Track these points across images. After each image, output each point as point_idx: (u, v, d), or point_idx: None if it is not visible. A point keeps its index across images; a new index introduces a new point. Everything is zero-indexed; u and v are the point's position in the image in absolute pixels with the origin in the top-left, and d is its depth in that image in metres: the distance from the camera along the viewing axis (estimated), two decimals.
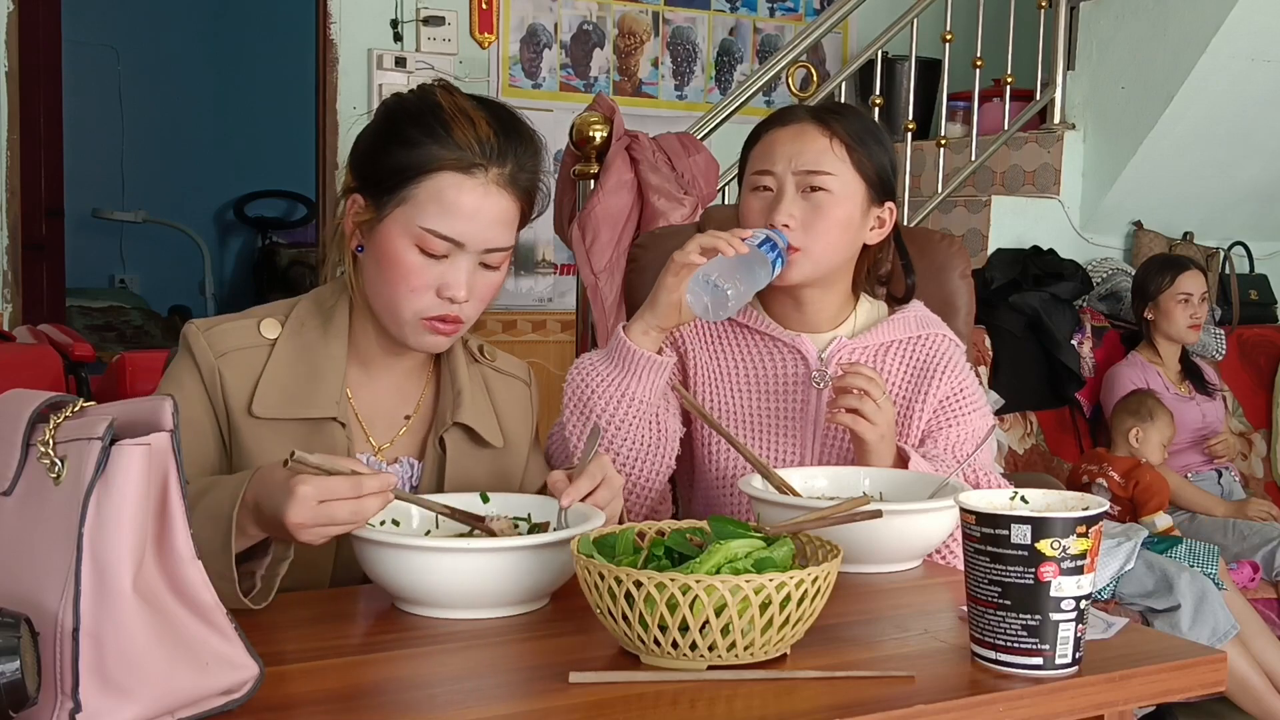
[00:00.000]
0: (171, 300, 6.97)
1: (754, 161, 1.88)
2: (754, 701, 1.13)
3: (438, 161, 1.50)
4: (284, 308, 1.63)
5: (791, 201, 1.81)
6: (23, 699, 0.96)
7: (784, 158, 1.83)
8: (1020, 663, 1.20)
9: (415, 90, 1.60)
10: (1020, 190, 4.64)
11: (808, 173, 1.81)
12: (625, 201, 3.31)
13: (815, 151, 1.82)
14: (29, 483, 1.05)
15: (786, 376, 1.89)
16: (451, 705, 1.12)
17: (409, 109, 1.56)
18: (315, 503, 1.27)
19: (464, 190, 1.51)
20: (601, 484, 1.47)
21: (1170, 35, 4.28)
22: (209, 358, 1.55)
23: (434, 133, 1.51)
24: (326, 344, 1.59)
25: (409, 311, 1.54)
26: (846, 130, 1.83)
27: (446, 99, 1.55)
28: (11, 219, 4.24)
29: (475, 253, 1.53)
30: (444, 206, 1.50)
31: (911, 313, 1.94)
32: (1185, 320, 3.98)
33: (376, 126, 1.59)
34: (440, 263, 1.52)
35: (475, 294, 1.55)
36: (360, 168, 1.58)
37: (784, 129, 1.86)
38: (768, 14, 5.35)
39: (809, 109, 1.88)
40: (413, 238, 1.51)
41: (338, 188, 1.65)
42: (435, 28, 4.64)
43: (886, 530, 1.51)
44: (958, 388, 1.89)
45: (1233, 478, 3.99)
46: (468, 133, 1.51)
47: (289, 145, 6.80)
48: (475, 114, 1.54)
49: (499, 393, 1.72)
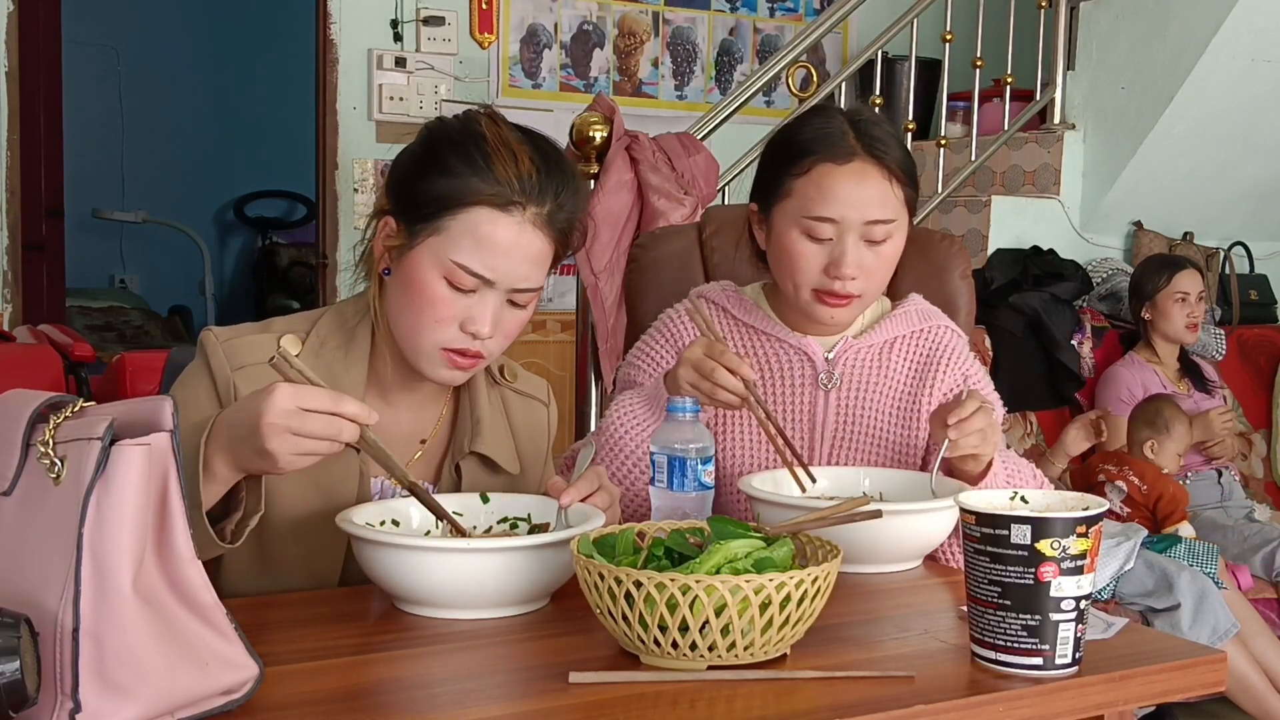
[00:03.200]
0: (171, 300, 6.97)
1: (811, 203, 1.76)
2: (754, 701, 1.13)
3: (475, 195, 1.47)
4: (306, 322, 1.60)
5: (855, 254, 1.75)
6: (23, 699, 0.96)
7: (849, 206, 1.74)
8: (1020, 663, 1.20)
9: (460, 116, 1.56)
10: (1020, 190, 4.64)
11: (874, 223, 1.75)
12: (625, 201, 3.31)
13: (879, 200, 1.75)
14: (29, 483, 1.05)
15: (793, 378, 1.88)
16: (451, 705, 1.12)
17: (451, 136, 1.52)
18: (292, 406, 1.25)
19: (499, 227, 1.47)
20: (600, 489, 1.47)
21: (1170, 35, 4.28)
22: (225, 370, 1.52)
23: (474, 164, 1.48)
24: (347, 367, 1.56)
25: (429, 342, 1.50)
26: (900, 164, 1.76)
27: (491, 129, 1.51)
28: (11, 219, 4.24)
29: (504, 290, 1.50)
30: (477, 241, 1.47)
31: (913, 306, 1.93)
32: (1183, 320, 3.98)
33: (417, 150, 1.55)
34: (468, 297, 1.49)
35: (500, 330, 1.51)
36: (396, 191, 1.54)
37: (843, 171, 1.75)
38: (768, 14, 5.35)
39: (859, 139, 1.76)
40: (442, 269, 1.48)
41: (337, 188, 1.64)
42: (435, 28, 4.64)
43: (886, 530, 1.51)
44: (963, 376, 1.89)
45: (1233, 477, 3.99)
46: (509, 168, 1.48)
47: (289, 145, 6.80)
48: (519, 148, 1.50)
49: (517, 415, 1.69)
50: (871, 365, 1.89)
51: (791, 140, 1.80)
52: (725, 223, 2.28)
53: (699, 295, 1.97)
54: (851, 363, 1.88)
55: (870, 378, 1.88)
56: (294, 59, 6.37)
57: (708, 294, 1.97)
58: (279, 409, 1.25)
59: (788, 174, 1.78)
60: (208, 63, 7.09)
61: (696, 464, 1.49)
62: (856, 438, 1.86)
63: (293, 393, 1.27)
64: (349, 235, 4.56)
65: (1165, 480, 3.63)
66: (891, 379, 1.88)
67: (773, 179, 1.82)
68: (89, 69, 6.54)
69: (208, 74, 7.10)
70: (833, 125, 1.77)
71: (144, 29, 6.89)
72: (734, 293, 1.95)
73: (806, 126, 1.80)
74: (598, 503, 1.45)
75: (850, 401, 1.87)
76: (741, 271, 2.04)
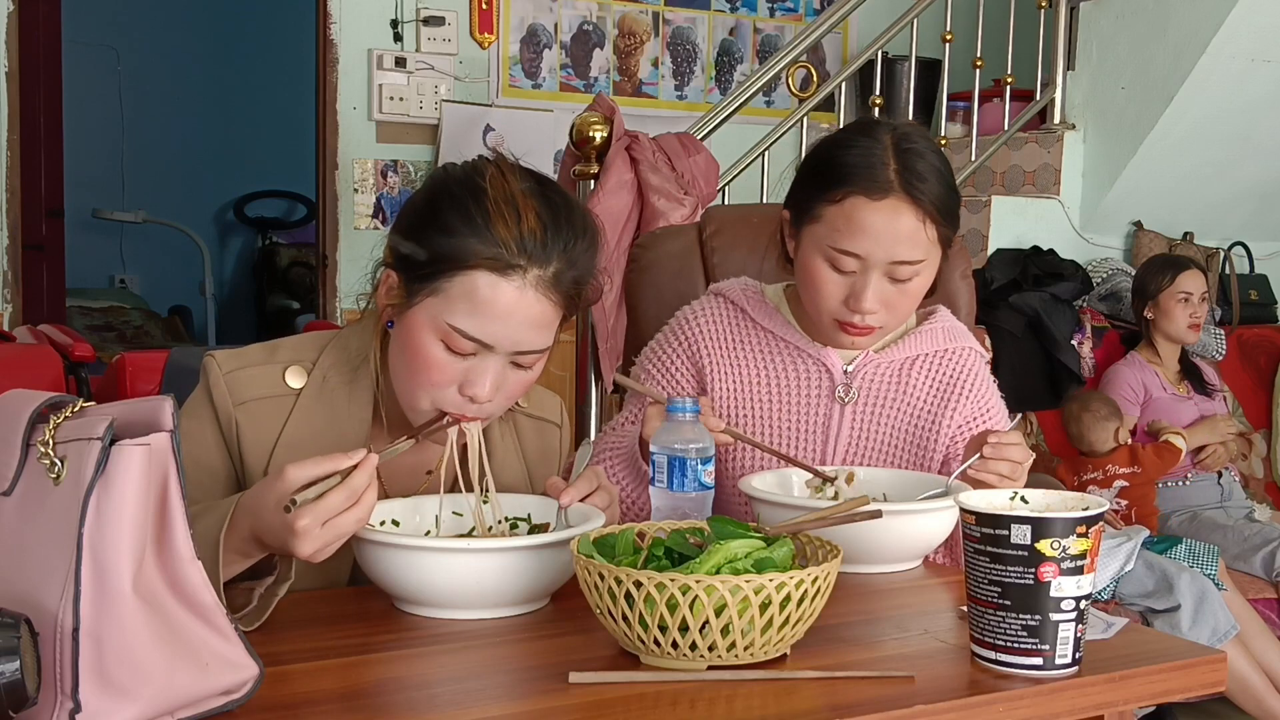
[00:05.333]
0: (171, 300, 6.97)
1: (838, 235, 1.70)
2: (754, 701, 1.13)
3: (473, 258, 1.39)
4: (313, 349, 1.56)
5: (877, 289, 1.71)
6: (23, 699, 0.96)
7: (876, 244, 1.69)
8: (1020, 663, 1.20)
9: (467, 165, 1.48)
10: (1020, 190, 4.64)
11: (899, 263, 1.70)
12: (625, 201, 3.31)
13: (909, 240, 1.69)
14: (29, 483, 1.05)
15: (810, 389, 1.84)
16: (451, 705, 1.12)
17: (453, 190, 1.44)
18: (319, 528, 1.25)
19: (498, 291, 1.40)
20: (599, 489, 1.46)
21: (1170, 35, 4.28)
22: (227, 405, 1.50)
23: (473, 223, 1.40)
24: (350, 404, 1.53)
25: (426, 402, 1.46)
26: (938, 203, 1.70)
27: (496, 183, 1.43)
28: (11, 219, 4.24)
29: (505, 354, 1.44)
30: (475, 306, 1.40)
31: (939, 324, 1.89)
32: (1185, 320, 3.98)
33: (419, 202, 1.48)
34: (466, 359, 1.43)
35: (503, 392, 1.46)
36: (396, 246, 1.47)
37: (875, 206, 1.68)
38: (768, 14, 5.35)
39: (900, 171, 1.68)
40: (439, 332, 1.42)
41: (337, 188, 1.62)
42: (435, 28, 4.64)
43: (886, 530, 1.51)
44: (983, 408, 1.86)
45: (1233, 478, 3.99)
46: (510, 228, 1.40)
47: (289, 145, 6.80)
48: (524, 202, 1.42)
49: (529, 440, 1.66)
50: (891, 382, 1.85)
51: (832, 161, 1.73)
52: (725, 223, 2.28)
53: (717, 293, 1.93)
54: (870, 377, 1.85)
55: (888, 394, 1.85)
56: (294, 59, 6.37)
57: (726, 292, 1.92)
58: (311, 543, 1.24)
59: (821, 198, 1.73)
60: (208, 63, 7.09)
61: (696, 464, 1.49)
62: (869, 454, 1.84)
63: (314, 519, 1.24)
64: (349, 235, 4.56)
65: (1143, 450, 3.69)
66: (910, 398, 1.85)
67: (806, 197, 1.76)
68: (89, 69, 6.54)
69: (208, 74, 7.10)
70: (875, 152, 1.70)
71: (144, 29, 6.89)
72: (755, 293, 1.90)
73: (850, 148, 1.72)
74: (597, 502, 1.45)
75: (866, 417, 1.84)
76: (741, 271, 2.04)
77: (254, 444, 1.50)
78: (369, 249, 1.62)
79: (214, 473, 1.50)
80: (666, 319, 1.97)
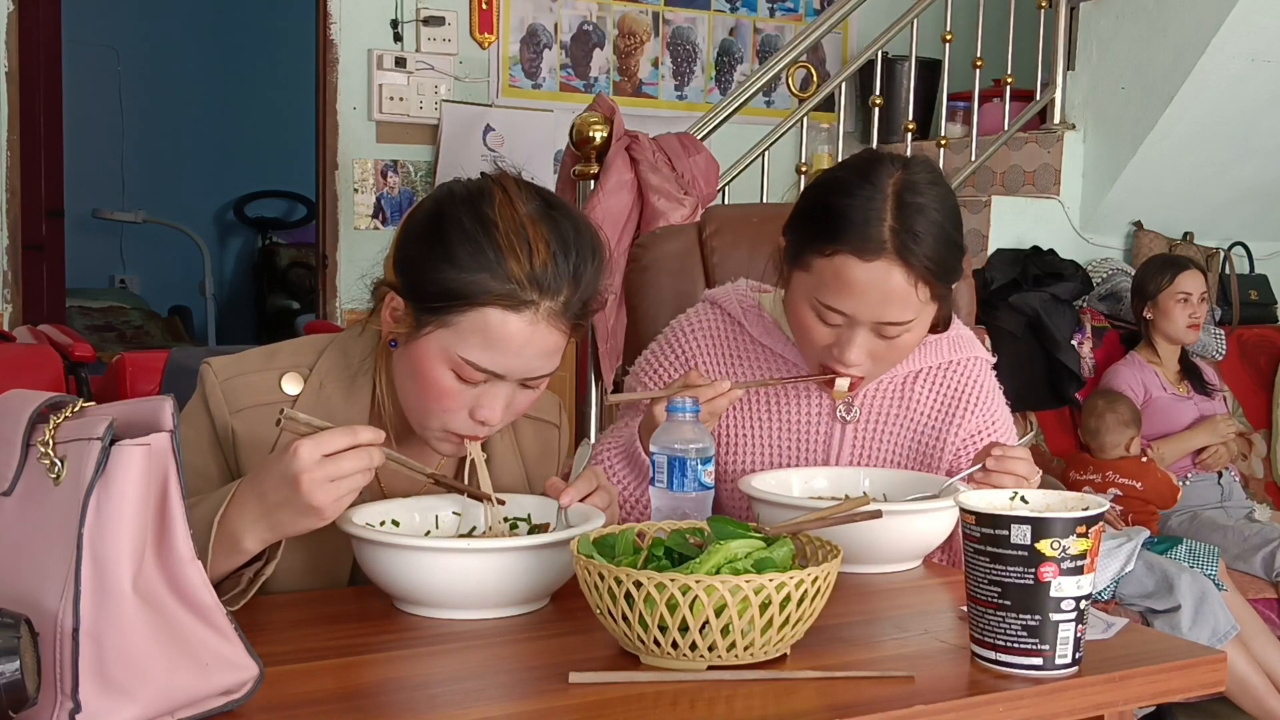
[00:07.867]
0: (171, 300, 6.97)
1: (826, 290, 1.64)
2: (754, 702, 1.13)
3: (486, 295, 1.39)
4: (311, 353, 1.55)
5: (863, 343, 1.65)
6: (23, 699, 0.96)
7: (864, 305, 1.62)
8: (1020, 663, 1.20)
9: (472, 188, 1.45)
10: (1020, 190, 4.64)
11: (887, 324, 1.64)
12: (625, 201, 3.31)
13: (900, 302, 1.62)
14: (29, 483, 1.05)
15: (809, 408, 1.82)
16: (451, 705, 1.12)
17: (462, 220, 1.41)
18: (319, 456, 1.25)
19: (510, 326, 1.40)
20: (598, 488, 1.46)
21: (1170, 35, 4.28)
22: (224, 414, 1.50)
23: (484, 259, 1.39)
24: (347, 410, 1.52)
25: (436, 423, 1.47)
26: (932, 264, 1.61)
27: (505, 212, 1.41)
28: (11, 219, 4.24)
29: (515, 381, 1.45)
30: (487, 340, 1.40)
31: (946, 334, 1.81)
32: (1184, 320, 3.98)
33: (425, 226, 1.45)
34: (476, 387, 1.44)
35: (510, 410, 1.47)
36: (403, 271, 1.45)
37: (865, 267, 1.60)
38: (768, 14, 5.35)
39: (896, 230, 1.60)
40: (450, 364, 1.42)
41: (337, 188, 1.61)
42: (435, 28, 4.64)
43: (886, 530, 1.51)
44: (989, 421, 1.82)
45: (1233, 478, 3.99)
46: (522, 263, 1.39)
47: (289, 145, 6.80)
48: (535, 231, 1.40)
49: (528, 442, 1.66)
50: (893, 399, 1.82)
51: (829, 209, 1.64)
52: (725, 223, 2.28)
53: (713, 302, 1.89)
54: (872, 394, 1.82)
55: (891, 412, 1.82)
56: (294, 59, 6.37)
57: (723, 302, 1.87)
58: (309, 463, 1.25)
59: (812, 248, 1.65)
60: (208, 62, 7.09)
61: (696, 464, 1.48)
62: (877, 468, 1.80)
63: (314, 444, 1.26)
64: (349, 236, 4.55)
65: (1151, 469, 3.67)
66: (914, 414, 1.81)
67: (798, 239, 1.69)
68: (89, 69, 6.54)
69: (208, 74, 7.10)
70: (874, 204, 1.61)
71: (144, 29, 6.89)
72: (753, 305, 1.86)
73: (849, 196, 1.63)
74: (597, 502, 1.45)
75: (868, 436, 1.81)
76: (741, 272, 2.03)
77: (249, 451, 1.50)
78: (369, 249, 1.62)
79: (210, 480, 1.50)
80: (666, 319, 1.94)
